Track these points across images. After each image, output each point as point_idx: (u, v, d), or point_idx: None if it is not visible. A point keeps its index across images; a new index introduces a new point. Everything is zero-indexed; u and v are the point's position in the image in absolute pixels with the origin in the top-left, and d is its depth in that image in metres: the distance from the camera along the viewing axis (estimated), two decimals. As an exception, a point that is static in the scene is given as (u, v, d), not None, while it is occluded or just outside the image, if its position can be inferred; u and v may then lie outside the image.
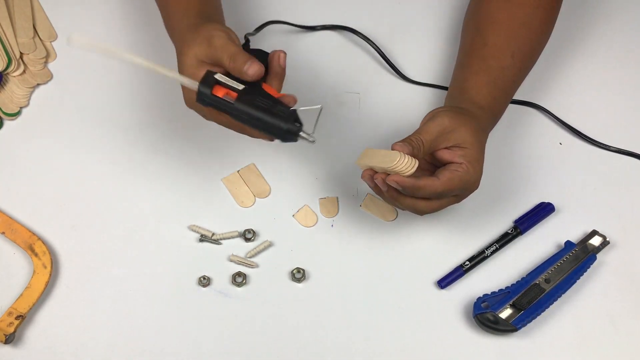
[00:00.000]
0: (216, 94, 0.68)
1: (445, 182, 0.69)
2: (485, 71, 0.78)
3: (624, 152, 0.86)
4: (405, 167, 0.68)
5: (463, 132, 0.71)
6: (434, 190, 0.69)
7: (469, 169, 0.70)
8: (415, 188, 0.68)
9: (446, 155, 0.71)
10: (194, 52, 0.69)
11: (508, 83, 0.79)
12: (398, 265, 0.79)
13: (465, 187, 0.71)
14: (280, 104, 0.68)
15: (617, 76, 0.92)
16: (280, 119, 0.67)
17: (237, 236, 0.80)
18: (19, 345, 0.73)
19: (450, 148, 0.71)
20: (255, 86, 0.69)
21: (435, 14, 0.97)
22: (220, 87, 0.68)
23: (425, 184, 0.68)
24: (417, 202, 0.70)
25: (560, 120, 0.88)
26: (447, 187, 0.69)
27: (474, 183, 0.71)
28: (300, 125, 0.68)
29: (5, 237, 0.78)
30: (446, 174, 0.69)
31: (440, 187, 0.69)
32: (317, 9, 0.95)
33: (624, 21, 0.97)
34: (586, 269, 0.77)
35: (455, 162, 0.70)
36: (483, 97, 0.77)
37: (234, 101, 0.68)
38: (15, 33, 0.89)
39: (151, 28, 0.93)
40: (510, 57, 0.79)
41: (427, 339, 0.75)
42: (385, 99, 0.89)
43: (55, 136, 0.85)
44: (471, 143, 0.71)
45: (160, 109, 0.88)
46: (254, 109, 0.67)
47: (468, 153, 0.70)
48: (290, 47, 0.91)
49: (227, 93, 0.68)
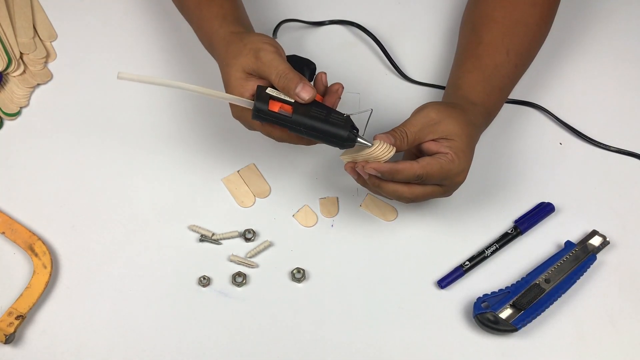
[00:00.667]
0: (272, 110, 0.69)
1: (424, 166, 0.68)
2: (479, 69, 0.78)
3: (624, 152, 0.86)
4: (382, 152, 0.68)
5: (450, 124, 0.70)
6: (412, 172, 0.68)
7: (454, 159, 0.69)
8: (393, 171, 0.68)
9: (432, 147, 0.71)
10: (241, 64, 0.70)
11: (503, 79, 0.79)
12: (398, 265, 0.79)
13: (447, 176, 0.70)
14: (334, 111, 0.70)
15: (617, 76, 0.92)
16: (338, 127, 0.69)
17: (237, 236, 0.80)
18: (19, 345, 0.73)
19: (436, 140, 0.71)
20: None
21: (436, 14, 0.97)
22: (274, 101, 0.70)
23: (403, 167, 0.68)
24: (398, 187, 0.70)
25: (560, 120, 0.88)
26: (425, 170, 0.68)
27: (458, 174, 0.71)
28: (357, 130, 0.70)
29: (5, 237, 0.78)
30: (426, 159, 0.69)
31: (418, 169, 0.68)
32: (324, 3, 0.96)
33: (624, 20, 0.97)
34: (586, 269, 0.77)
35: (441, 152, 0.70)
36: (477, 94, 0.77)
37: (292, 115, 0.69)
38: (15, 33, 0.89)
39: (151, 28, 0.93)
40: (504, 54, 0.79)
41: (427, 339, 0.75)
42: (386, 98, 0.89)
43: (55, 136, 0.85)
44: (458, 135, 0.70)
45: (160, 109, 0.88)
46: (311, 120, 0.69)
47: (454, 144, 0.70)
48: (298, 44, 0.93)
49: (281, 107, 0.69)
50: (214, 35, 0.75)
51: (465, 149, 0.71)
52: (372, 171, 0.69)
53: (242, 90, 0.70)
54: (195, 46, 0.86)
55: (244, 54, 0.70)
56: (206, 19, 0.77)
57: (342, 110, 0.91)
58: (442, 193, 0.72)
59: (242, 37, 0.72)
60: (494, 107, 0.79)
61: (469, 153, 0.72)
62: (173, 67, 0.91)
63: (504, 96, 0.81)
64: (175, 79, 0.88)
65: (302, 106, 0.69)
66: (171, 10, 0.94)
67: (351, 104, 0.89)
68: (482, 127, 0.77)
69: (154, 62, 0.91)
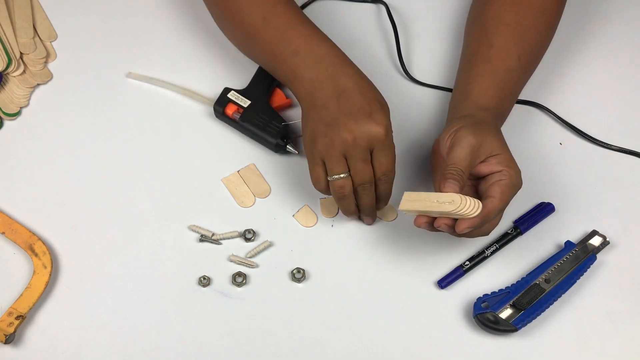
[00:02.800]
0: (227, 112, 0.83)
1: (501, 198, 0.69)
2: (492, 74, 0.78)
3: (625, 151, 0.86)
4: (470, 210, 0.67)
5: (490, 142, 0.71)
6: (496, 210, 0.69)
7: (511, 172, 0.70)
8: (484, 220, 0.68)
9: (483, 169, 0.71)
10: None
11: (514, 84, 0.79)
12: (398, 265, 0.79)
13: (516, 188, 0.71)
14: (276, 120, 0.82)
15: (618, 75, 0.92)
16: (270, 135, 0.82)
17: (237, 236, 0.80)
18: (19, 345, 0.73)
19: (484, 161, 0.71)
20: (260, 102, 0.83)
21: (438, 13, 0.97)
22: (232, 104, 0.83)
23: (487, 211, 0.68)
24: (483, 227, 0.70)
25: (562, 119, 0.88)
26: (504, 200, 0.69)
27: (520, 182, 0.72)
28: (287, 140, 0.82)
29: (5, 237, 0.78)
30: (496, 189, 0.69)
31: (499, 204, 0.69)
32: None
33: (625, 20, 0.97)
34: (586, 269, 0.77)
35: (495, 171, 0.70)
36: (489, 99, 0.77)
37: (239, 119, 0.83)
38: (15, 33, 0.89)
39: (151, 28, 0.93)
40: (516, 59, 0.79)
41: (427, 339, 0.75)
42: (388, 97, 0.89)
43: (55, 136, 0.85)
44: (500, 148, 0.71)
45: (160, 108, 0.88)
46: (252, 125, 0.82)
47: (502, 158, 0.71)
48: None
49: (236, 110, 0.83)
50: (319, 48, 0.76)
51: (511, 157, 0.72)
52: (466, 230, 0.68)
53: None
54: (195, 46, 0.86)
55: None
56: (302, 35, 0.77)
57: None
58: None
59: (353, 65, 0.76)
60: (506, 111, 0.79)
61: (513, 158, 0.72)
62: (173, 66, 0.90)
63: (514, 100, 0.81)
64: (175, 79, 0.89)
65: (249, 112, 0.82)
66: (171, 10, 0.94)
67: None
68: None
69: (154, 62, 0.91)
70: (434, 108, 0.89)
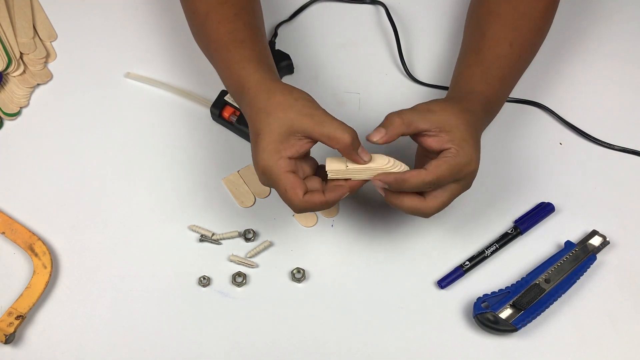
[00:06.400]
0: (224, 115, 0.84)
1: (432, 170, 0.67)
2: (478, 61, 0.77)
3: (626, 151, 0.86)
4: (394, 168, 0.68)
5: (444, 115, 0.69)
6: (420, 179, 0.67)
7: (459, 152, 0.68)
8: (399, 181, 0.67)
9: (433, 144, 0.69)
10: (291, 120, 0.67)
11: (503, 69, 0.77)
12: (398, 265, 0.79)
13: (458, 170, 0.68)
14: None
15: (619, 74, 0.92)
16: None
17: (237, 236, 0.80)
18: (19, 345, 0.73)
19: (435, 134, 0.69)
20: None
21: (439, 13, 0.97)
22: (229, 107, 0.84)
23: (410, 175, 0.67)
24: (415, 202, 0.69)
25: (562, 118, 0.88)
26: (435, 174, 0.67)
27: (469, 164, 0.69)
28: None
29: (5, 237, 0.78)
30: (433, 162, 0.68)
31: (427, 175, 0.67)
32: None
33: (626, 19, 0.97)
34: (586, 269, 0.77)
35: (445, 148, 0.68)
36: (474, 83, 0.75)
37: (235, 122, 0.83)
38: (15, 33, 0.89)
39: (151, 28, 0.93)
40: (507, 47, 0.77)
41: (427, 339, 0.75)
42: (387, 98, 0.90)
43: (55, 136, 0.85)
44: (455, 125, 0.69)
45: (160, 108, 0.88)
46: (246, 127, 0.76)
47: (454, 135, 0.68)
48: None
49: (232, 112, 0.84)
50: (247, 78, 0.72)
51: (467, 137, 0.69)
52: (379, 183, 0.68)
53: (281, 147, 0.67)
54: (194, 48, 0.86)
55: (295, 110, 0.68)
56: (236, 61, 0.73)
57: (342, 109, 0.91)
58: (461, 189, 0.71)
59: (290, 90, 0.70)
60: (495, 97, 0.77)
61: (472, 141, 0.69)
62: (173, 66, 0.90)
63: (506, 87, 0.79)
64: (174, 80, 0.89)
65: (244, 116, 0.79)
66: (171, 10, 0.94)
67: (351, 103, 0.89)
68: (482, 115, 0.74)
69: (155, 61, 0.91)
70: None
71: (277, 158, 0.67)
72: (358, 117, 0.88)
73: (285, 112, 0.67)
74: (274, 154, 0.67)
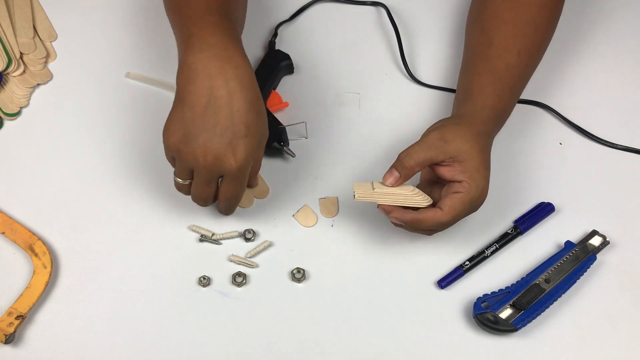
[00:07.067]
0: None
1: (447, 211, 0.69)
2: (490, 71, 0.78)
3: (628, 149, 0.86)
4: (421, 201, 0.70)
5: (458, 143, 0.70)
6: (436, 221, 0.69)
7: (471, 185, 0.69)
8: (415, 221, 0.69)
9: (446, 174, 0.71)
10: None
11: (514, 80, 0.79)
12: (398, 265, 0.79)
13: (473, 204, 0.70)
14: (272, 123, 0.79)
15: (620, 73, 0.92)
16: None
17: (237, 236, 0.80)
18: (19, 345, 0.73)
19: (449, 164, 0.70)
20: None
21: (439, 13, 0.97)
22: None
23: (426, 216, 0.69)
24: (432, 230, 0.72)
25: (564, 117, 0.88)
26: (452, 215, 0.69)
27: (481, 195, 0.71)
28: (283, 143, 0.82)
29: (5, 237, 0.78)
30: (447, 202, 0.69)
31: (443, 217, 0.69)
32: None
33: (628, 18, 0.97)
34: (586, 269, 0.77)
35: (456, 180, 0.70)
36: (487, 97, 0.76)
37: None
38: (15, 33, 0.89)
39: (151, 28, 0.93)
40: (516, 56, 0.78)
41: (427, 338, 0.75)
42: (387, 97, 0.90)
43: (55, 136, 0.85)
44: (468, 153, 0.70)
45: (160, 108, 0.87)
46: None
47: (467, 166, 0.70)
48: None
49: None
50: (199, 20, 0.69)
51: (479, 166, 0.70)
52: (395, 220, 0.70)
53: None
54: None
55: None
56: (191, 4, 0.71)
57: (342, 109, 0.91)
58: (469, 213, 0.72)
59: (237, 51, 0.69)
60: (505, 108, 0.78)
61: (483, 168, 0.71)
62: (173, 66, 0.90)
63: (515, 97, 0.80)
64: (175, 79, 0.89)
65: None
66: (171, 10, 0.94)
67: (351, 103, 0.89)
68: (494, 132, 0.77)
69: (155, 61, 0.91)
70: (438, 109, 0.89)
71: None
72: (358, 117, 0.88)
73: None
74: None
